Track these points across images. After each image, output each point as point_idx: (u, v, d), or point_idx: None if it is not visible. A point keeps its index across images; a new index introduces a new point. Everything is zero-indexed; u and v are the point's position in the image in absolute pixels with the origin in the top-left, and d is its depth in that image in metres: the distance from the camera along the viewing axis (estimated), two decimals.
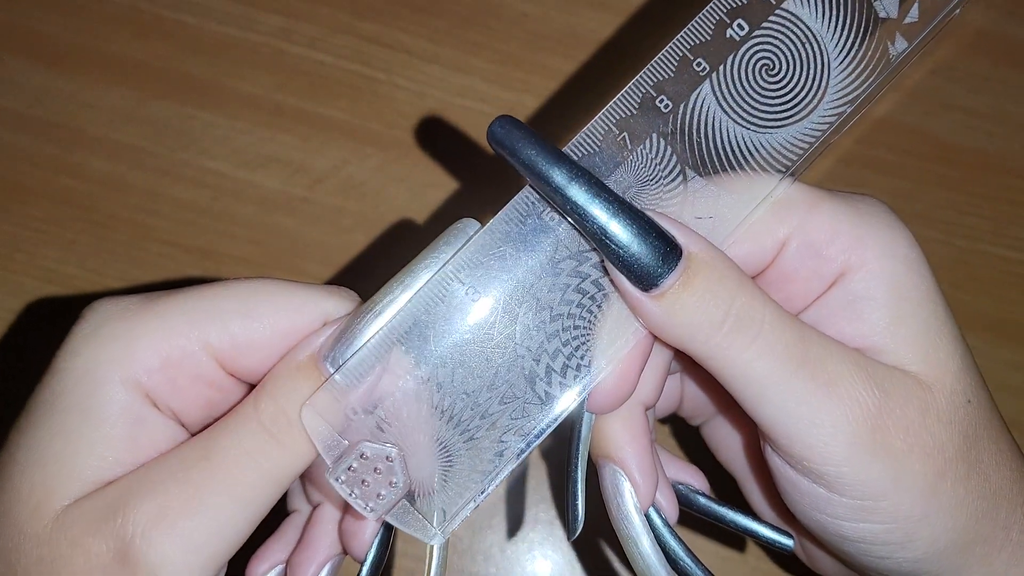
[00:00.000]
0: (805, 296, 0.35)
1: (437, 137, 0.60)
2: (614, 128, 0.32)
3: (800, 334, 0.32)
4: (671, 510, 0.37)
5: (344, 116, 0.60)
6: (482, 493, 0.33)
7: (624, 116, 0.32)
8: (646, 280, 0.31)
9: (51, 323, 0.55)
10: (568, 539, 0.36)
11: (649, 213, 0.31)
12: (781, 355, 0.31)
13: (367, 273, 0.58)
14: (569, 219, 0.31)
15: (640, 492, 0.35)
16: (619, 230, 0.30)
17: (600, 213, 0.30)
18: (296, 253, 0.58)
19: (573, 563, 0.52)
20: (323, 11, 0.62)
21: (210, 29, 0.61)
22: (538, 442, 0.33)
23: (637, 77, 0.32)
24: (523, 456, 0.33)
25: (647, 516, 0.36)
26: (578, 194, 0.30)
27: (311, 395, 0.31)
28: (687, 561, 0.36)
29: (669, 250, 0.31)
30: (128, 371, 0.32)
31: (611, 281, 0.32)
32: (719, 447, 0.44)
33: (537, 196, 0.32)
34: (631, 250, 0.31)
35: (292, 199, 0.59)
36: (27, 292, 0.56)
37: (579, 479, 0.35)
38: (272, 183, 0.59)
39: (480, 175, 0.60)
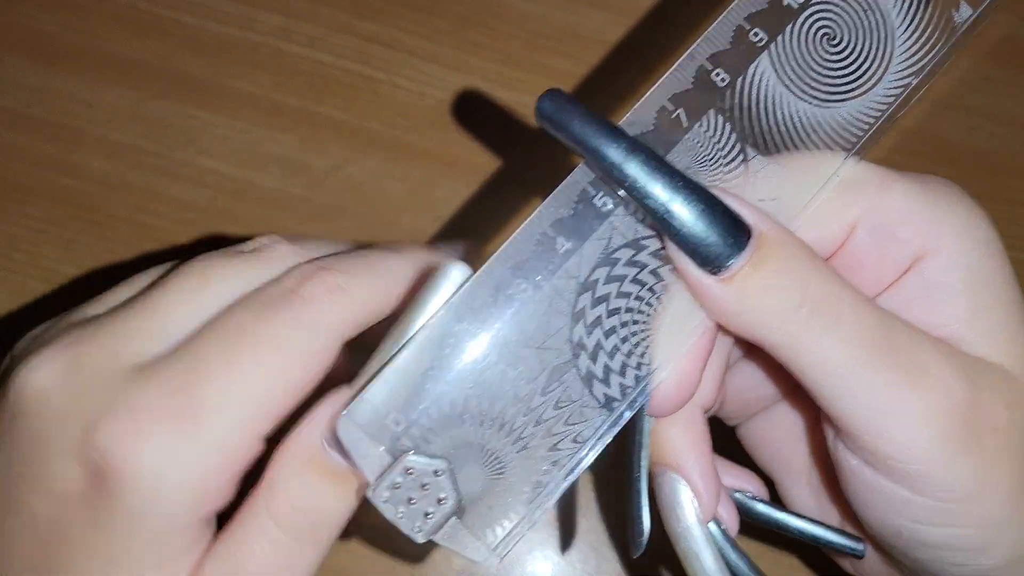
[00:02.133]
0: (877, 283, 0.32)
1: (437, 137, 0.59)
2: (668, 104, 0.29)
3: (881, 318, 0.29)
4: (731, 521, 0.34)
5: (343, 116, 0.59)
6: (539, 508, 0.30)
7: (679, 91, 0.29)
8: (713, 261, 0.28)
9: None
10: (633, 555, 0.33)
11: (714, 190, 0.28)
12: (863, 341, 0.28)
13: None
14: (627, 198, 0.28)
15: (703, 503, 0.32)
16: (683, 208, 0.28)
17: (661, 190, 0.27)
18: None
19: (574, 564, 0.51)
20: (323, 10, 0.60)
21: (209, 28, 0.60)
22: (598, 449, 0.30)
23: (691, 49, 0.29)
24: (582, 466, 0.30)
25: (707, 529, 0.33)
26: (636, 170, 0.28)
27: (348, 404, 0.29)
28: None
29: (737, 229, 0.28)
30: (203, 511, 0.30)
31: (673, 266, 0.29)
32: (759, 447, 0.41)
33: (588, 180, 0.29)
34: (696, 229, 0.28)
35: (291, 198, 0.57)
36: (26, 292, 0.54)
37: (643, 490, 0.32)
38: (271, 183, 0.57)
39: (480, 175, 0.58)
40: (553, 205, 0.29)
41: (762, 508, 0.36)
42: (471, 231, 0.56)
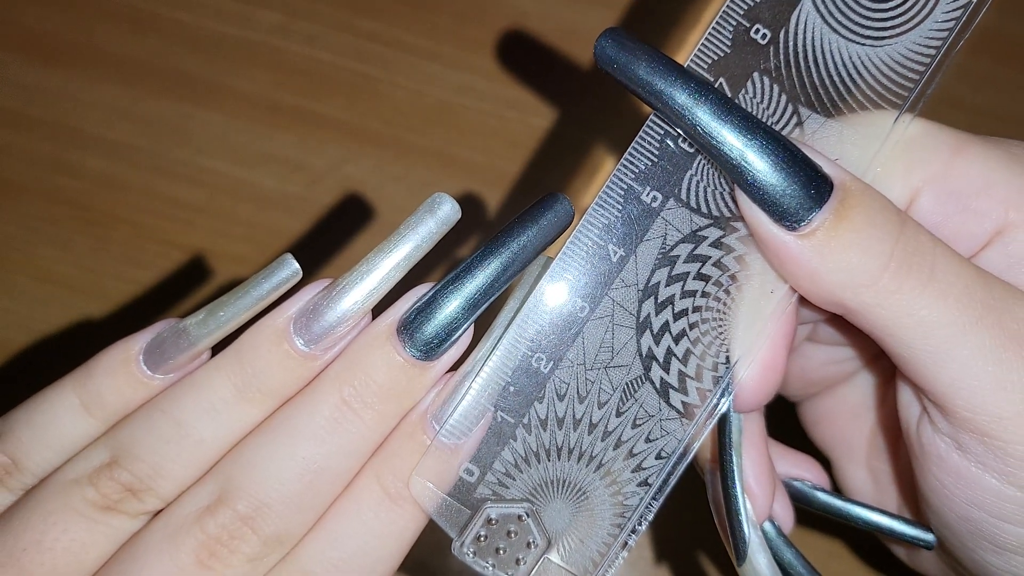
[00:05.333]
0: None
1: (436, 135, 0.59)
2: (707, 75, 0.26)
3: (981, 274, 0.25)
4: (786, 517, 0.32)
5: (342, 114, 0.58)
6: (633, 532, 0.28)
7: (716, 58, 0.26)
8: (792, 215, 0.25)
9: (46, 322, 0.54)
10: (737, 565, 0.30)
11: (792, 139, 0.25)
12: (961, 298, 0.25)
13: None
14: (697, 147, 0.26)
15: (757, 503, 0.30)
16: (759, 156, 0.25)
17: (735, 136, 0.25)
18: (293, 252, 0.57)
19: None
20: (321, 8, 0.60)
21: (207, 27, 0.60)
22: (686, 462, 0.28)
23: (723, 7, 0.26)
24: (672, 480, 0.28)
25: (762, 529, 0.30)
26: (707, 114, 0.25)
27: (418, 463, 0.27)
28: None
29: (818, 179, 0.25)
30: None
31: (747, 226, 0.26)
32: (819, 426, 0.38)
33: (631, 176, 0.27)
34: (773, 179, 0.25)
35: (289, 198, 0.57)
36: (23, 291, 0.54)
37: (740, 495, 0.30)
38: (269, 182, 0.57)
39: (479, 175, 0.58)
40: (598, 210, 0.27)
41: (823, 498, 0.33)
42: (471, 230, 0.56)
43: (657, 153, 0.27)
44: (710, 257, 0.27)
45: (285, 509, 0.27)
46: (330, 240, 0.57)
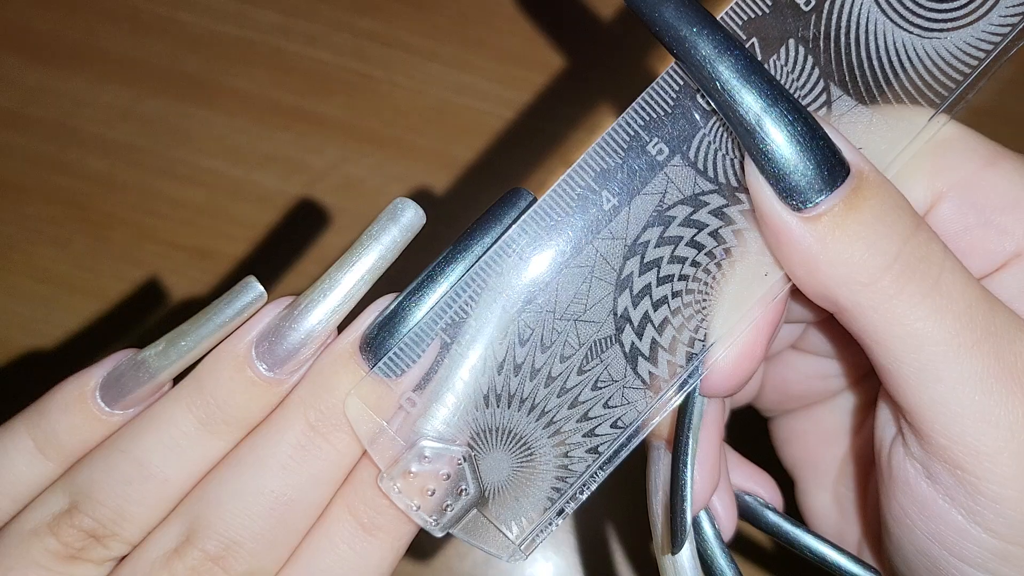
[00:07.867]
0: None
1: (436, 135, 0.59)
2: (740, 32, 0.25)
3: (985, 296, 0.24)
4: (727, 521, 0.30)
5: (342, 114, 0.59)
6: (572, 500, 0.26)
7: (752, 16, 0.25)
8: (801, 194, 0.23)
9: (46, 322, 0.54)
10: (673, 552, 0.28)
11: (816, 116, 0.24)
12: (961, 317, 0.23)
13: None
14: (712, 104, 0.24)
15: (695, 487, 0.28)
16: (776, 124, 0.23)
17: (755, 98, 0.23)
18: (293, 252, 0.57)
19: (575, 566, 0.51)
20: (321, 8, 0.60)
21: (207, 26, 0.60)
22: (641, 437, 0.26)
23: None
24: (623, 454, 0.26)
25: (695, 520, 0.29)
26: (730, 70, 0.23)
27: (358, 382, 0.26)
28: None
29: (835, 161, 0.23)
30: None
31: (749, 197, 0.25)
32: (790, 444, 0.37)
33: (640, 123, 0.25)
34: (787, 151, 0.23)
35: (289, 197, 0.57)
36: (22, 292, 0.54)
37: (688, 481, 0.28)
38: (269, 181, 0.57)
39: (480, 174, 0.58)
40: (598, 152, 0.25)
41: (772, 518, 0.32)
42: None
43: (672, 104, 0.25)
44: (707, 225, 0.25)
45: (256, 546, 0.26)
46: (330, 240, 0.57)
